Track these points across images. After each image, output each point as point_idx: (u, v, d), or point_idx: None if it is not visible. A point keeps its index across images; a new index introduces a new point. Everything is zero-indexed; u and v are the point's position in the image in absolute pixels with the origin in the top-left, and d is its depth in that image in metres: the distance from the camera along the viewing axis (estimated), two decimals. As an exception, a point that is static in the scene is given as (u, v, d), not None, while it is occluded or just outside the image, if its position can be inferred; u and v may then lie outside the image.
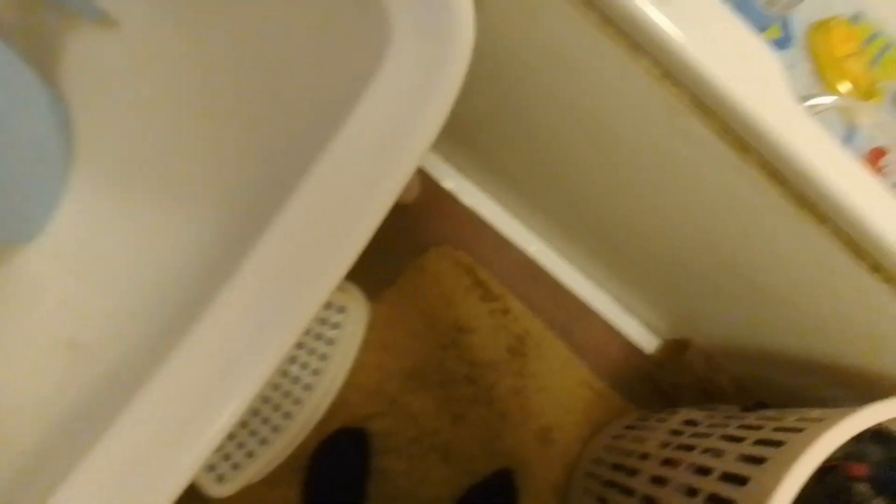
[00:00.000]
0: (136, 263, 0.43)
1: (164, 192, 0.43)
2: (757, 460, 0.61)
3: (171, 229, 0.42)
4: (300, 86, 0.39)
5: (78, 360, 0.42)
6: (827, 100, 0.70)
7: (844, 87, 0.82)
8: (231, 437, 0.87)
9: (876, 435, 0.67)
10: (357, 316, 1.00)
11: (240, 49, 0.40)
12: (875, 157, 0.81)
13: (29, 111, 0.37)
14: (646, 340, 1.17)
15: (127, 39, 0.41)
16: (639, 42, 0.61)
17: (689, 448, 0.76)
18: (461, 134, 0.99)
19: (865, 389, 0.77)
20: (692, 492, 0.69)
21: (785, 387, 0.93)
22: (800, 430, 0.60)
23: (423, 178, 1.12)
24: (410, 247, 1.09)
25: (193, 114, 0.42)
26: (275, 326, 0.31)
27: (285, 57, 0.39)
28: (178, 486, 0.31)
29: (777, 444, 0.61)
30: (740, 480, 0.61)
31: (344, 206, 0.31)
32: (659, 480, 0.77)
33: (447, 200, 1.12)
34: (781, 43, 1.00)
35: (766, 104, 0.61)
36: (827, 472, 0.65)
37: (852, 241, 0.62)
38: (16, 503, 0.36)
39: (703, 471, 0.69)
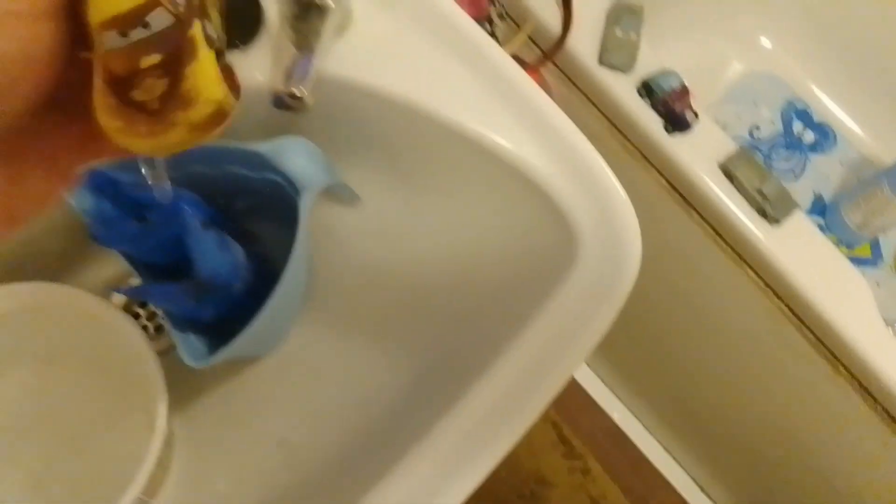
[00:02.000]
0: (343, 387, 0.54)
1: (372, 336, 0.55)
2: None
3: (374, 369, 0.53)
4: (495, 286, 0.49)
5: (286, 459, 0.52)
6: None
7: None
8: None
9: None
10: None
11: (451, 238, 0.54)
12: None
13: (299, 264, 0.51)
14: (719, 523, 1.18)
15: (364, 212, 0.56)
16: (745, 257, 0.73)
17: None
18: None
19: None
20: None
21: None
22: None
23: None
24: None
25: (407, 282, 0.55)
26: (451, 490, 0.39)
27: (487, 252, 0.52)
28: None
29: None
30: None
31: (518, 398, 0.40)
32: None
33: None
34: (871, 261, 1.09)
35: (857, 325, 0.69)
36: None
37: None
38: None
39: None
